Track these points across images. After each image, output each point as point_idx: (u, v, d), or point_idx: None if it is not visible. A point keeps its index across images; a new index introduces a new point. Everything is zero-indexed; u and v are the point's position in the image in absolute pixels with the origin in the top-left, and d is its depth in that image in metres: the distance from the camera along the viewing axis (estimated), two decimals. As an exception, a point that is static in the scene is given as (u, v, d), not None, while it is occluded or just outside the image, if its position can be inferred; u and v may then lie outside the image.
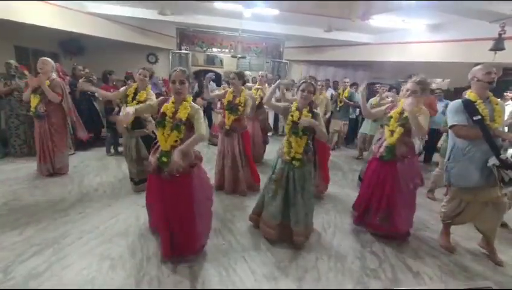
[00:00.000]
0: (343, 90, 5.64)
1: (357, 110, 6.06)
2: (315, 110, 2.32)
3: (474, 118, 2.14)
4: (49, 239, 2.29)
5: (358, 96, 5.82)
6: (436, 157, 4.94)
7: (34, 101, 3.36)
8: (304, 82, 2.27)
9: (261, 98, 4.26)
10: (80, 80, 4.64)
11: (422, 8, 4.50)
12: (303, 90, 2.24)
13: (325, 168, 3.41)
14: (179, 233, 2.03)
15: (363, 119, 5.59)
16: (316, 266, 2.19)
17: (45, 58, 3.44)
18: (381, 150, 2.49)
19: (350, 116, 6.07)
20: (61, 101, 3.47)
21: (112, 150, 4.73)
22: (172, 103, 1.97)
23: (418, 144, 4.42)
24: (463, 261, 2.39)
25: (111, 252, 2.17)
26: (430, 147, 5.11)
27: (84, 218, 2.65)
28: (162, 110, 1.97)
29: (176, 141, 1.94)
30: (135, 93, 3.04)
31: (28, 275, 1.90)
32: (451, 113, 2.28)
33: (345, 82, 5.75)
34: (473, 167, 2.20)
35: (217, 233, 2.55)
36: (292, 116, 2.27)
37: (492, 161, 2.09)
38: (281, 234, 2.40)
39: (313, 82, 2.30)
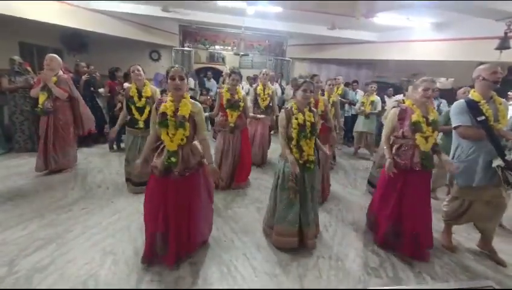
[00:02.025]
0: (337, 88, 5.65)
1: (353, 108, 6.07)
2: (313, 108, 2.32)
3: (478, 119, 2.12)
4: (53, 234, 2.32)
5: (353, 95, 6.00)
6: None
7: (42, 97, 3.38)
8: (305, 81, 2.16)
9: (270, 97, 4.12)
10: (83, 77, 4.72)
11: (427, 6, 4.45)
12: (305, 90, 2.13)
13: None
14: (183, 232, 2.00)
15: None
16: (317, 265, 2.19)
17: (52, 54, 3.46)
18: (416, 159, 2.17)
19: (346, 114, 6.11)
20: (69, 97, 3.52)
21: (115, 147, 4.76)
22: (171, 101, 1.90)
23: None
24: (464, 260, 2.39)
25: (113, 248, 2.19)
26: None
27: (87, 214, 2.68)
28: (161, 110, 1.88)
29: (182, 139, 1.89)
30: (139, 92, 3.04)
31: (32, 268, 1.92)
32: (454, 113, 2.26)
33: (337, 79, 5.74)
34: (477, 167, 2.19)
35: (219, 230, 2.56)
36: (297, 118, 2.16)
37: (497, 162, 2.08)
38: (300, 240, 2.31)
39: (313, 81, 2.27)
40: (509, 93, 4.17)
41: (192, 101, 1.96)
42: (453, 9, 4.29)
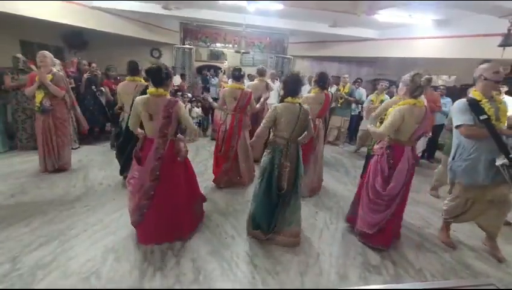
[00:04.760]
0: (344, 86, 5.69)
1: (360, 106, 6.03)
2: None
3: (481, 118, 2.11)
4: (55, 231, 2.33)
5: (360, 93, 5.90)
6: (438, 154, 4.91)
7: (39, 96, 3.32)
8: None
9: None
10: (85, 75, 4.73)
11: (429, 3, 4.42)
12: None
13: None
14: None
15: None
16: (318, 262, 2.20)
17: (45, 51, 3.38)
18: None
19: (353, 113, 6.04)
20: (64, 95, 3.50)
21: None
22: None
23: (421, 140, 4.38)
24: (465, 258, 2.39)
25: (115, 245, 2.21)
26: (433, 143, 5.07)
27: (89, 211, 2.69)
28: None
29: None
30: None
31: (34, 265, 1.94)
32: (457, 113, 2.24)
33: (344, 78, 5.78)
34: (479, 165, 2.18)
35: (220, 227, 2.57)
36: None
37: (501, 160, 2.07)
38: None
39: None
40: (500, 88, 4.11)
41: None
42: (456, 6, 4.25)
